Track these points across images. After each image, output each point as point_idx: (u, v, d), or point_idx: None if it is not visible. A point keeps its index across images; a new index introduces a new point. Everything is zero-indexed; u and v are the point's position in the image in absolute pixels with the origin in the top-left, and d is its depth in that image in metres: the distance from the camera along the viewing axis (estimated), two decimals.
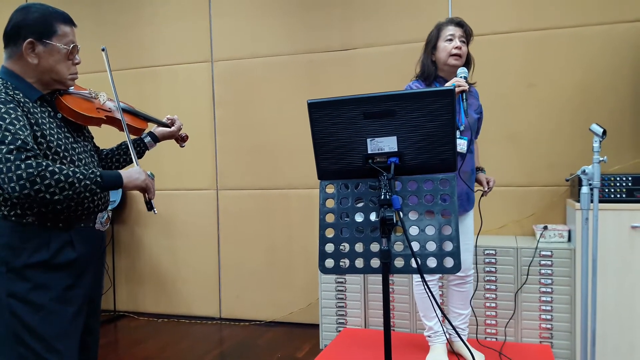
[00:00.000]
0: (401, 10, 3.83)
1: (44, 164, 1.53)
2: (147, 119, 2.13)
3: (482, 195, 2.75)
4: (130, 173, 1.74)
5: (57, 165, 1.56)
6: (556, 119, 3.54)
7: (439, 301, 2.94)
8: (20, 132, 1.54)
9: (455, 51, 2.59)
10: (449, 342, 2.89)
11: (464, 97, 2.49)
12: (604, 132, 2.43)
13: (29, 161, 1.51)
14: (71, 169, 1.59)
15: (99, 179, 1.62)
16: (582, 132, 3.33)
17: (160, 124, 2.19)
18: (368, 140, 1.66)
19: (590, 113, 3.44)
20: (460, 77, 2.51)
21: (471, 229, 2.82)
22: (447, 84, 2.48)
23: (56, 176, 1.54)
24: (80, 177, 1.58)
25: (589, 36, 3.46)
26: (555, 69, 3.53)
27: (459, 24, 2.65)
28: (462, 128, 2.61)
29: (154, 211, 1.85)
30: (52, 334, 1.64)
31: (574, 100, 3.51)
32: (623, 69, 3.40)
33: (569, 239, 3.27)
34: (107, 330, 4.19)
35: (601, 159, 2.42)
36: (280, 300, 4.17)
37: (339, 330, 3.55)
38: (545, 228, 3.29)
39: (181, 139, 2.27)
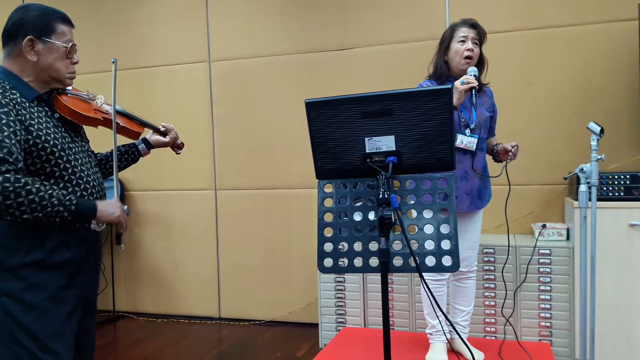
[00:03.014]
0: (398, 10, 3.83)
1: (23, 181, 1.52)
2: (143, 123, 2.12)
3: (508, 162, 2.70)
4: (107, 207, 1.73)
5: (36, 185, 1.55)
6: (554, 117, 3.54)
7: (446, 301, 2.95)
8: (7, 140, 1.53)
9: (467, 53, 2.62)
10: (449, 341, 2.90)
11: (474, 94, 2.51)
12: (602, 131, 2.43)
13: (8, 175, 1.50)
14: (49, 191, 1.58)
15: (73, 207, 1.62)
16: (580, 130, 3.34)
17: (156, 129, 2.18)
18: (366, 139, 1.66)
19: (587, 111, 3.45)
20: (470, 75, 2.54)
21: (479, 226, 2.83)
22: (456, 82, 2.50)
23: (31, 196, 1.53)
24: (55, 202, 1.58)
25: (586, 35, 3.46)
26: (553, 67, 3.53)
27: (473, 25, 2.67)
28: (472, 126, 2.63)
29: (122, 247, 1.87)
30: (46, 334, 1.64)
31: (571, 99, 3.51)
32: (620, 67, 3.41)
33: (568, 237, 3.27)
34: (106, 330, 4.19)
35: (599, 157, 2.42)
36: (279, 299, 4.18)
37: (339, 330, 3.55)
38: (544, 226, 3.29)
39: (177, 147, 2.27)
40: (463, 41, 2.64)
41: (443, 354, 2.82)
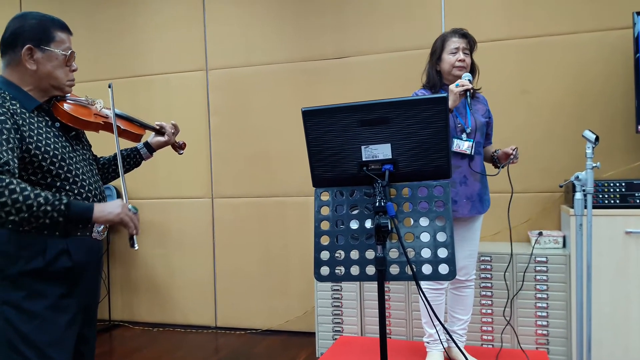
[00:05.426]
0: (394, 18, 3.85)
1: (7, 180, 1.49)
2: (143, 125, 2.13)
3: (509, 163, 2.72)
4: (105, 206, 1.66)
5: (22, 185, 1.52)
6: (549, 125, 3.56)
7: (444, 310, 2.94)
8: None
9: (458, 64, 2.66)
10: (446, 349, 2.89)
11: (468, 95, 2.55)
12: (597, 139, 2.45)
13: None
14: (36, 191, 1.53)
15: (62, 207, 1.56)
16: (575, 138, 3.35)
17: (154, 129, 2.18)
18: (362, 147, 1.67)
19: (583, 119, 3.46)
20: (465, 79, 2.58)
21: (478, 234, 2.83)
22: (451, 85, 2.53)
23: (14, 195, 1.49)
24: (42, 201, 1.53)
25: (581, 43, 3.49)
26: (548, 75, 3.55)
27: (463, 35, 2.71)
28: (468, 130, 2.66)
29: (135, 247, 1.78)
30: (46, 342, 1.63)
31: (566, 107, 3.53)
32: (615, 75, 3.43)
33: (564, 245, 3.28)
34: (102, 339, 4.16)
35: (594, 165, 2.43)
36: (276, 308, 4.16)
37: (335, 338, 3.54)
38: (540, 234, 3.30)
39: (178, 147, 2.27)
40: (454, 52, 2.67)
41: None
